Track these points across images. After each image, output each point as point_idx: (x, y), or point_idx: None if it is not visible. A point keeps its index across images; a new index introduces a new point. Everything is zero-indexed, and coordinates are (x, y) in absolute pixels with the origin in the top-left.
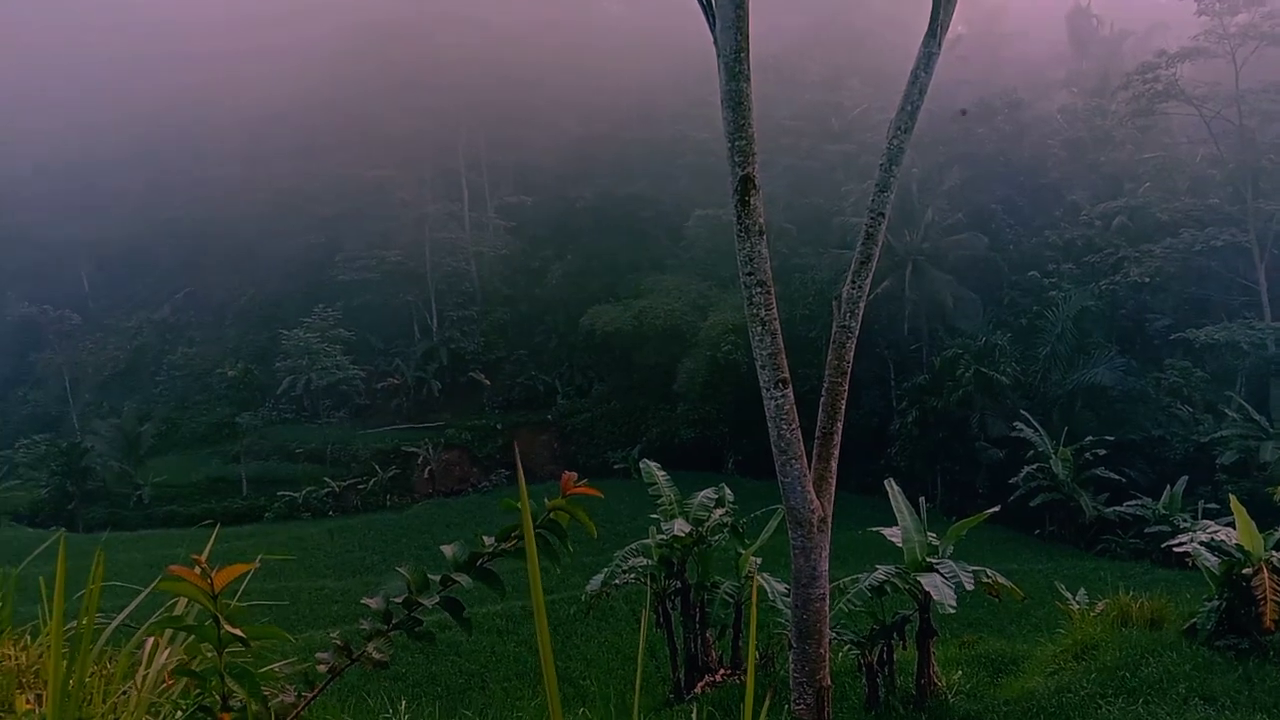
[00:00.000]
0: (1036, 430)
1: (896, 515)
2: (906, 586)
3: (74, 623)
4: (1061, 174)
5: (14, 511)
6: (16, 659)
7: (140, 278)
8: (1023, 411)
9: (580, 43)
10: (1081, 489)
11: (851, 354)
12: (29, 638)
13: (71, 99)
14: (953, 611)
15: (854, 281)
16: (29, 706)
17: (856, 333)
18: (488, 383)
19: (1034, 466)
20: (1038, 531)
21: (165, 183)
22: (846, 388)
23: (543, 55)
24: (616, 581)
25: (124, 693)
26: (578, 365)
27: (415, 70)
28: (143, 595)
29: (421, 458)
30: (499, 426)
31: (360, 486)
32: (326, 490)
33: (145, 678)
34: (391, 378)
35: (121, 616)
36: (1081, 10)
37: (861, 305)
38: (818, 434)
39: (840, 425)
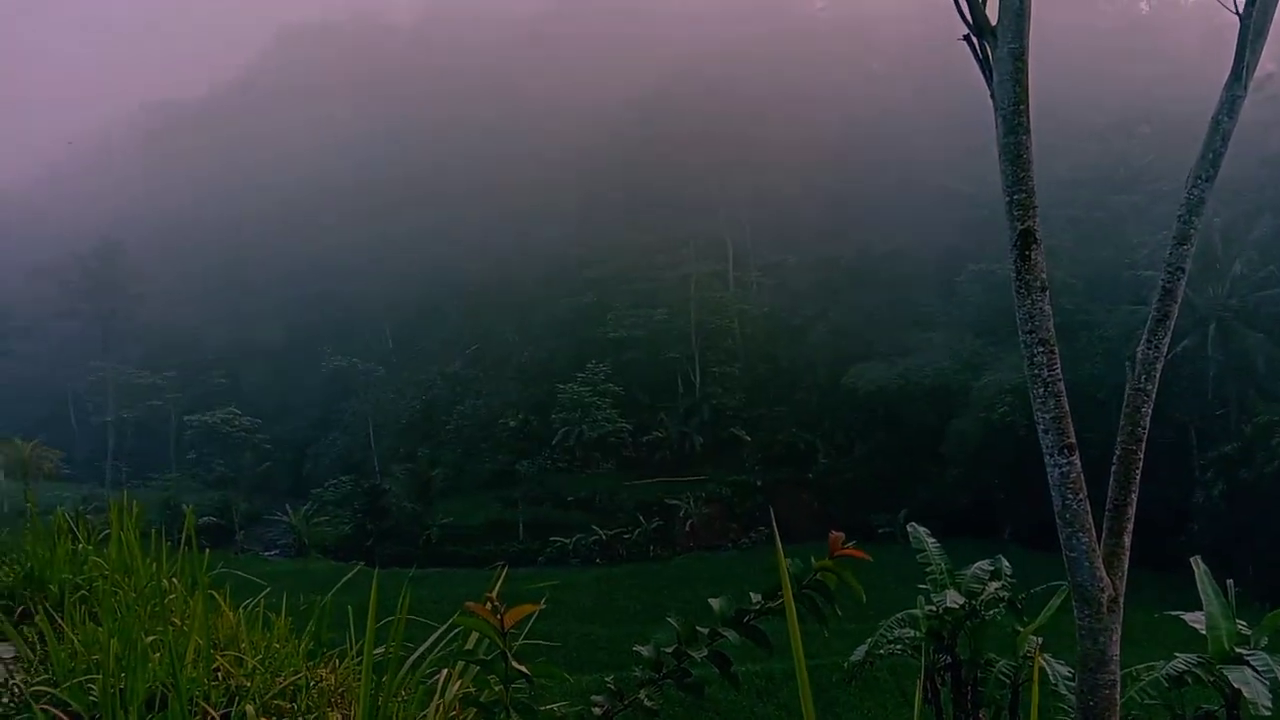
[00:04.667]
0: None
1: (1202, 598)
2: (1211, 679)
3: (379, 649)
4: None
5: (321, 545)
6: (328, 680)
7: (435, 335)
8: None
9: (844, 101)
10: None
11: (1147, 419)
12: (336, 661)
13: (374, 183)
14: (1267, 713)
15: (1149, 341)
16: None
17: (1153, 396)
18: (748, 439)
19: None
20: None
21: (457, 250)
22: (1141, 456)
23: (806, 115)
24: (881, 651)
25: (421, 718)
26: (840, 423)
27: (682, 137)
28: (442, 629)
29: (683, 511)
30: (758, 483)
31: (625, 536)
32: (594, 538)
33: (439, 706)
34: (656, 431)
35: (423, 648)
36: None
37: (1158, 367)
38: (1109, 505)
39: (1134, 497)
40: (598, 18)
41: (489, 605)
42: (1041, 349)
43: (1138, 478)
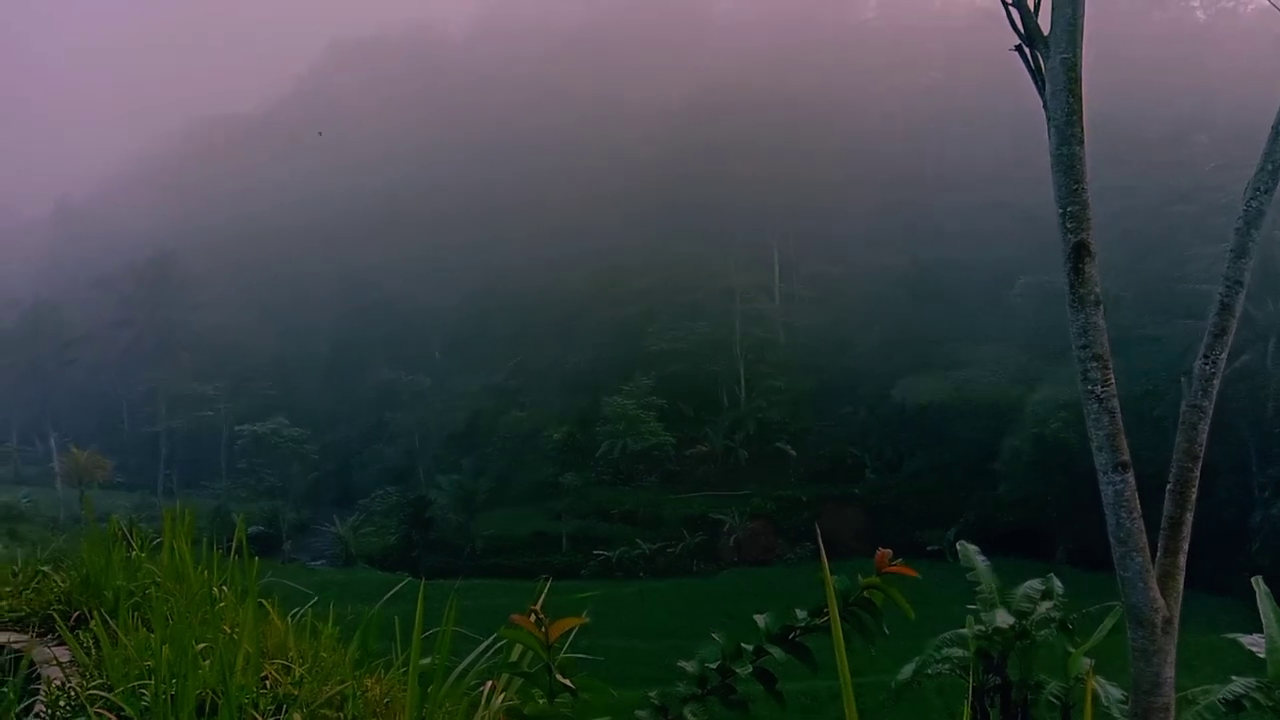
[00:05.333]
0: None
1: (1262, 620)
2: (1271, 704)
3: (425, 660)
4: None
5: (368, 555)
6: (374, 690)
7: (482, 346)
8: None
9: (894, 111)
10: None
11: (1204, 436)
12: (383, 671)
13: (425, 195)
14: None
15: (1206, 356)
16: None
17: (1210, 413)
18: (794, 453)
19: None
20: None
21: (507, 262)
22: (1198, 474)
23: (855, 124)
24: (929, 671)
25: None
26: (887, 438)
27: (731, 146)
28: (487, 642)
29: (727, 525)
30: (804, 498)
31: (669, 550)
32: (638, 552)
33: (484, 718)
34: (700, 445)
35: (468, 659)
36: None
37: (1216, 382)
38: (1164, 524)
39: (1190, 516)
40: (646, 28)
41: (533, 618)
42: (1095, 364)
43: (1194, 496)
